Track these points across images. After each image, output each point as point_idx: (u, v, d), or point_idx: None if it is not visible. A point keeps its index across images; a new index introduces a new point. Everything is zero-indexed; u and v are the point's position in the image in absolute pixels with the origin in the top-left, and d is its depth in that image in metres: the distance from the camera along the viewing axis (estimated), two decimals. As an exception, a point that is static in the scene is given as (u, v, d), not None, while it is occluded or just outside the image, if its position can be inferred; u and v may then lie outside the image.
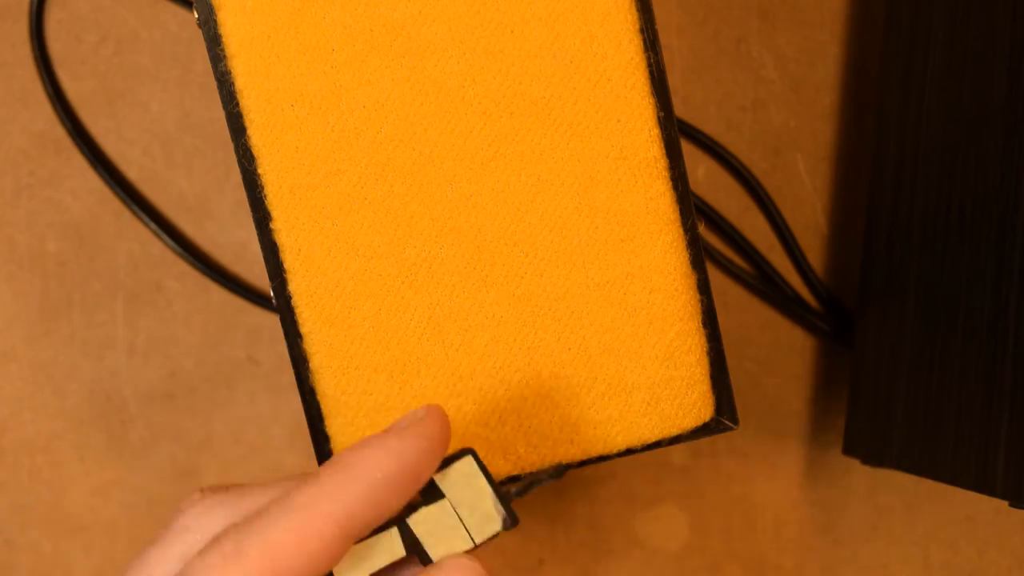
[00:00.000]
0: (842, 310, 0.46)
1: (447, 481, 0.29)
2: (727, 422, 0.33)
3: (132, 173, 0.43)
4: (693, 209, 0.32)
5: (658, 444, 0.32)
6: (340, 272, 0.31)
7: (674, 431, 0.32)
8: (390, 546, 0.29)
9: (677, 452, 0.45)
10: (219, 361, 0.43)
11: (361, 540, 0.28)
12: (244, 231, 0.43)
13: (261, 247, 0.31)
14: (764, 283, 0.45)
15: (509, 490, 0.31)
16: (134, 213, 0.42)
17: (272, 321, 0.43)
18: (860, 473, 0.46)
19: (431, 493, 0.29)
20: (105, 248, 0.42)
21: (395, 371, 0.31)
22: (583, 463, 0.32)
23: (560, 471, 0.31)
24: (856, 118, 0.46)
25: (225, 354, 0.43)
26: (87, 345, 0.43)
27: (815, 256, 0.46)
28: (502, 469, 0.32)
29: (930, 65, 0.40)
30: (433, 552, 0.29)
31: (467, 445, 0.32)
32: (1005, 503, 0.32)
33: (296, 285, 0.31)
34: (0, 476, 0.43)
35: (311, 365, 0.31)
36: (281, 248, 0.31)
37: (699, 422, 0.33)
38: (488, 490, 0.29)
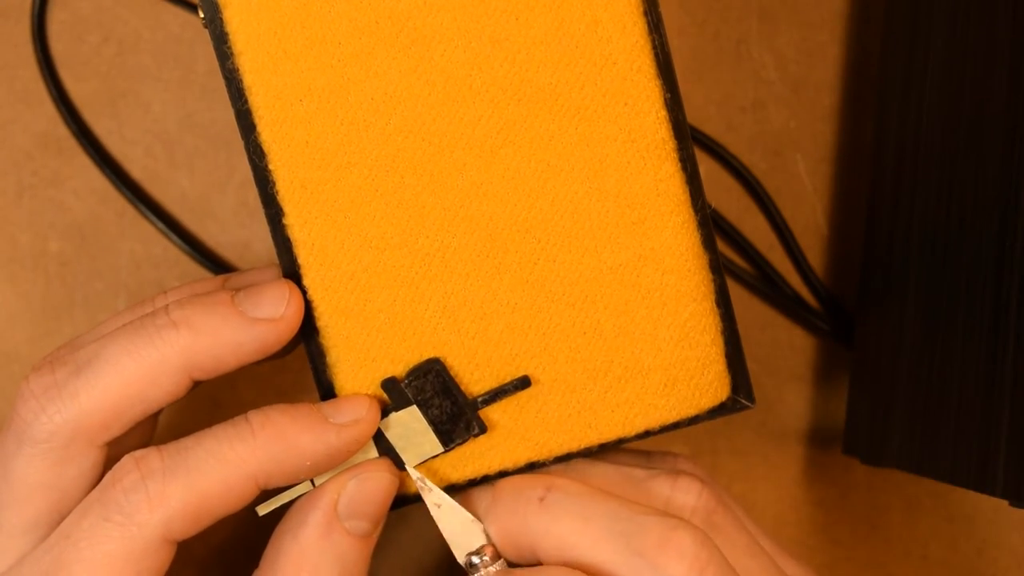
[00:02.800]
0: (842, 310, 0.46)
1: (415, 389, 0.31)
2: (744, 400, 0.33)
3: (134, 173, 0.43)
4: (703, 190, 0.32)
5: (676, 425, 0.33)
6: (354, 265, 0.31)
7: (692, 411, 0.33)
8: (364, 450, 0.31)
9: (677, 450, 0.45)
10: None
11: None
12: (246, 231, 0.43)
13: (274, 243, 0.31)
14: (764, 283, 0.45)
15: (476, 399, 0.32)
16: (141, 212, 0.42)
17: (274, 321, 0.43)
18: (860, 473, 0.46)
19: (400, 400, 0.31)
20: (107, 248, 0.43)
21: (413, 362, 0.32)
22: (603, 446, 0.33)
23: (526, 381, 0.32)
24: (856, 118, 0.46)
25: (227, 354, 0.43)
26: (89, 345, 0.43)
27: (815, 256, 0.46)
28: (522, 456, 0.32)
29: (930, 65, 0.40)
30: (405, 456, 0.31)
31: (488, 432, 0.32)
32: (1005, 503, 0.33)
33: (311, 280, 0.31)
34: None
35: (328, 360, 0.31)
36: (295, 243, 0.31)
37: (716, 401, 0.33)
38: (456, 399, 0.31)
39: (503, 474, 0.33)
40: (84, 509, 0.29)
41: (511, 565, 0.31)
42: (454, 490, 0.33)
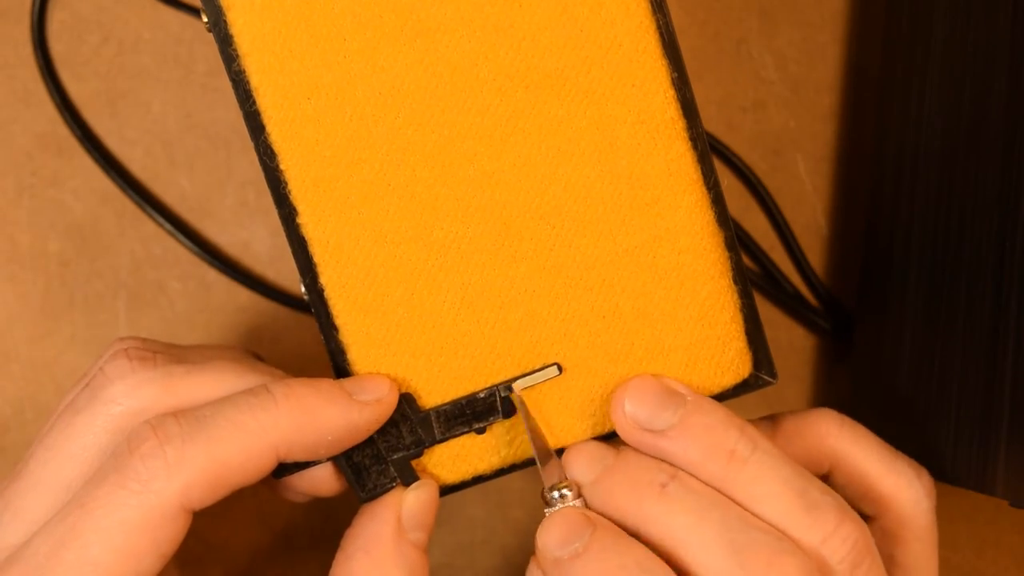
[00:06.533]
0: (842, 310, 0.46)
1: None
2: (766, 377, 0.33)
3: (134, 173, 0.43)
4: (714, 168, 0.32)
5: None
6: (370, 260, 0.31)
7: (714, 390, 0.33)
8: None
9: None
10: (221, 361, 0.43)
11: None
12: (246, 231, 0.43)
13: (289, 243, 0.31)
14: (766, 281, 0.45)
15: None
16: (145, 212, 0.42)
17: (274, 321, 0.43)
18: (860, 473, 0.46)
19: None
20: (107, 248, 0.43)
21: (433, 354, 0.32)
22: None
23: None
24: (856, 118, 0.46)
25: (227, 354, 0.43)
26: (89, 345, 0.43)
27: (815, 256, 0.46)
28: (548, 442, 0.32)
29: (930, 65, 0.40)
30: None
31: (512, 419, 0.32)
32: (1005, 503, 0.33)
33: (328, 278, 0.31)
34: (2, 477, 0.43)
35: (348, 357, 0.32)
36: (309, 242, 0.31)
37: (738, 379, 0.33)
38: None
39: (529, 462, 0.33)
40: (100, 477, 0.28)
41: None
42: (481, 480, 0.33)
